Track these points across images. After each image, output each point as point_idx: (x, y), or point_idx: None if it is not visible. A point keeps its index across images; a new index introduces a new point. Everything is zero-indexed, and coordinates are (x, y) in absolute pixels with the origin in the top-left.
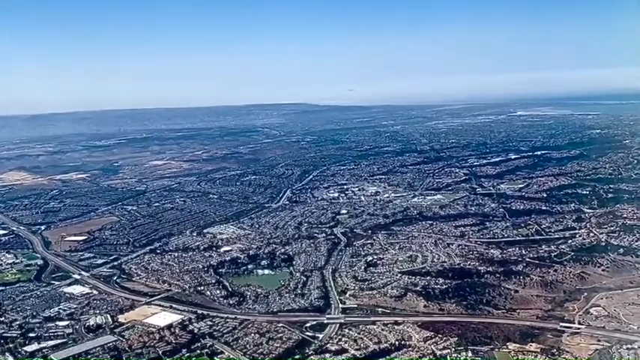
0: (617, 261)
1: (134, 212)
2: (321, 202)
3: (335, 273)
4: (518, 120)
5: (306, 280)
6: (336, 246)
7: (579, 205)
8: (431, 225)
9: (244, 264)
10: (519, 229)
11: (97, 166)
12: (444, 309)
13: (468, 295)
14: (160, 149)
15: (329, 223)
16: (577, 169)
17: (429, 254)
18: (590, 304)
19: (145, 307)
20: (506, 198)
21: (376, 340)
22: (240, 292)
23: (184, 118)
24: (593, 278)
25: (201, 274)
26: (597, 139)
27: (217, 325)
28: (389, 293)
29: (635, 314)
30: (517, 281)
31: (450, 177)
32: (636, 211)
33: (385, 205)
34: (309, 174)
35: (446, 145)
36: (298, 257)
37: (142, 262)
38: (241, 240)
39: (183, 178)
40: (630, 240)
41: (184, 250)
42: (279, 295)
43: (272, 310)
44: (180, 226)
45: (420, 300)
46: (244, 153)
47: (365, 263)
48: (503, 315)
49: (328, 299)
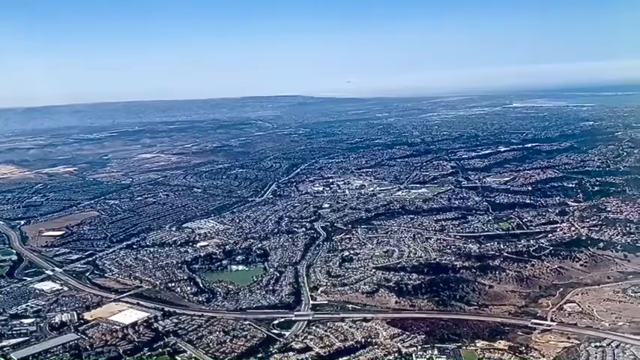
0: (596, 256)
1: (115, 207)
2: (305, 195)
3: (309, 268)
4: (513, 112)
5: (279, 275)
6: (314, 241)
7: (564, 199)
8: (412, 219)
9: (219, 259)
10: (500, 222)
11: (86, 160)
12: (415, 305)
13: (441, 290)
14: (151, 142)
15: (310, 217)
16: (565, 162)
17: (405, 249)
18: (565, 300)
19: (113, 304)
20: (491, 191)
21: (342, 338)
22: (211, 289)
23: (179, 110)
24: (570, 273)
25: (174, 270)
26: (589, 131)
27: (183, 322)
28: (361, 289)
29: (609, 310)
30: (492, 276)
31: (438, 170)
32: (620, 204)
33: (369, 199)
34: (297, 167)
35: (437, 138)
36: (274, 252)
37: (117, 257)
38: (219, 235)
39: (170, 172)
40: (611, 234)
41: (161, 245)
42: (250, 291)
43: (241, 307)
44: (161, 220)
45: (391, 296)
46: (234, 146)
47: (340, 258)
48: (475, 311)
49: (299, 295)
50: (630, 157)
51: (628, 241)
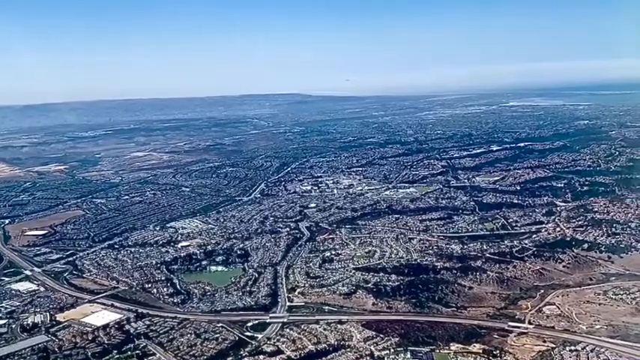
0: (580, 257)
1: (101, 206)
2: (293, 195)
3: (289, 269)
4: (509, 110)
5: (257, 276)
6: (297, 241)
7: (552, 199)
8: (397, 219)
9: (199, 260)
10: (485, 223)
11: (78, 158)
12: (392, 307)
13: (420, 292)
14: (145, 140)
15: (296, 217)
16: (556, 161)
17: (387, 249)
18: (545, 302)
19: (87, 305)
20: (479, 191)
21: (315, 341)
22: (188, 290)
23: (176, 108)
24: (552, 275)
25: (153, 270)
26: (583, 131)
27: (155, 324)
28: (339, 291)
29: (588, 313)
30: (473, 278)
31: (428, 169)
32: (608, 204)
33: (356, 199)
34: (288, 166)
35: (430, 137)
36: (255, 253)
37: (97, 257)
38: (202, 235)
39: (161, 170)
40: (596, 235)
41: (142, 245)
42: (227, 292)
43: (215, 309)
44: (145, 220)
45: (369, 297)
46: (227, 144)
47: (321, 259)
48: (453, 313)
49: (276, 297)
50: (622, 156)
51: (612, 242)
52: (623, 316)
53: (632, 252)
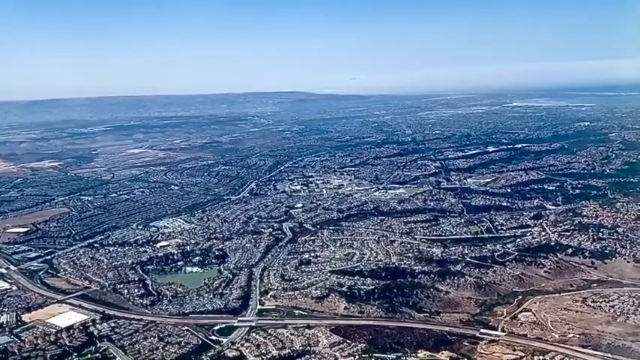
0: (562, 262)
1: (88, 203)
2: (281, 194)
3: (265, 271)
4: (511, 111)
5: (232, 278)
6: (277, 242)
7: (543, 202)
8: (382, 220)
9: (175, 261)
10: (470, 226)
11: (74, 154)
12: (364, 311)
13: (395, 296)
14: (144, 137)
15: (280, 217)
16: (551, 164)
17: (367, 252)
18: (522, 308)
19: (56, 305)
20: (469, 193)
21: (280, 346)
22: (159, 292)
23: (179, 105)
24: (532, 280)
25: (127, 270)
26: (583, 132)
27: (121, 326)
28: (311, 294)
29: (563, 321)
30: (451, 282)
31: (421, 170)
32: (598, 208)
33: (344, 199)
34: (282, 165)
35: (428, 137)
36: (234, 254)
37: (75, 256)
38: (183, 234)
39: (153, 168)
40: (581, 240)
41: (122, 244)
42: (198, 294)
43: (184, 312)
44: (130, 218)
45: (341, 301)
46: (224, 142)
47: (298, 261)
48: (425, 319)
49: (248, 300)
50: (618, 159)
51: (597, 248)
52: (598, 325)
53: (617, 258)
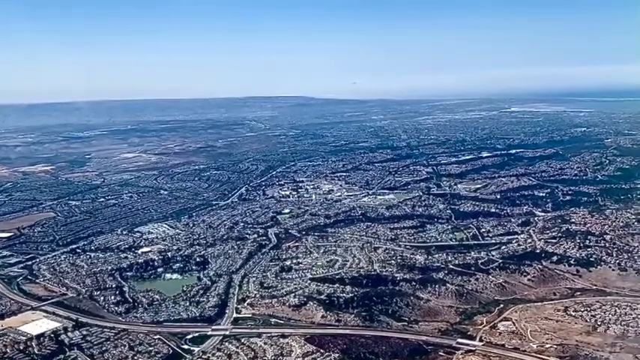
0: (546, 270)
1: (74, 208)
2: (270, 200)
3: (245, 278)
4: (509, 116)
5: (210, 285)
6: (261, 248)
7: (532, 208)
8: (368, 227)
9: (155, 267)
10: (456, 232)
11: (68, 158)
12: (341, 320)
13: (374, 304)
14: (139, 141)
15: (267, 223)
16: (543, 170)
17: (350, 259)
18: (502, 317)
19: (30, 312)
20: (459, 199)
21: (252, 355)
22: (135, 299)
23: (178, 109)
24: (514, 288)
25: (106, 277)
26: (578, 138)
27: (92, 335)
28: (289, 302)
29: (543, 330)
30: (432, 290)
31: (412, 175)
32: (587, 215)
33: (332, 205)
34: (274, 170)
35: (423, 142)
36: (215, 260)
37: (55, 262)
38: (166, 240)
39: (145, 172)
40: (567, 247)
41: (104, 250)
42: (175, 302)
43: (158, 320)
44: (115, 223)
45: (319, 310)
46: (218, 147)
47: (280, 268)
48: (403, 328)
49: (224, 308)
50: (611, 165)
51: (583, 256)
52: (578, 335)
53: (602, 266)
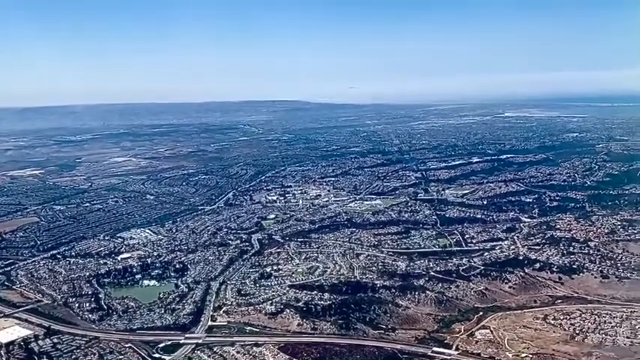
0: (528, 277)
1: (59, 213)
2: (256, 205)
3: (223, 285)
4: (502, 121)
5: (187, 292)
6: (242, 254)
7: (518, 214)
8: (352, 233)
9: (133, 274)
10: (440, 238)
11: (58, 162)
12: (317, 328)
13: (352, 312)
14: (131, 145)
15: (251, 228)
16: (532, 175)
17: (331, 265)
18: (480, 325)
19: (2, 319)
20: (446, 204)
21: None
22: (110, 306)
23: (173, 113)
24: (495, 296)
25: (82, 283)
26: (570, 143)
27: (63, 343)
28: (265, 310)
29: (521, 339)
30: (412, 297)
31: (401, 180)
32: (572, 221)
33: (318, 210)
34: (263, 174)
35: (415, 147)
36: (194, 267)
37: (34, 268)
38: (147, 246)
39: (133, 177)
40: (550, 254)
41: (84, 256)
42: (150, 309)
43: (131, 328)
44: (98, 228)
45: (295, 318)
46: (210, 151)
47: (259, 275)
48: (379, 336)
49: (200, 315)
50: (600, 171)
51: (566, 263)
52: (555, 344)
53: (584, 273)
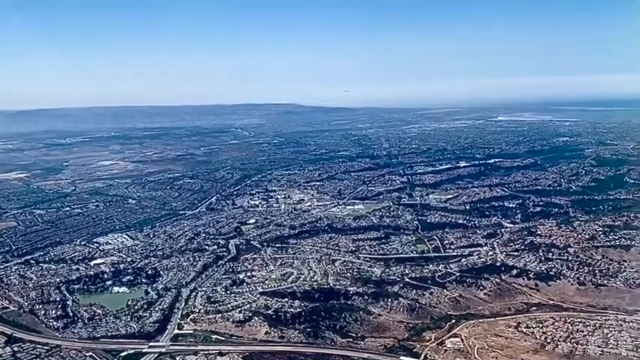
0: (504, 284)
1: (38, 217)
2: (238, 210)
3: (193, 292)
4: (494, 125)
5: (156, 299)
6: (217, 260)
7: (501, 219)
8: (331, 238)
9: (104, 280)
10: (419, 244)
11: (45, 166)
12: (284, 336)
13: (322, 320)
14: (121, 148)
15: (230, 233)
16: (518, 180)
17: (305, 272)
18: (451, 333)
19: None
20: (428, 209)
21: None
22: (77, 313)
23: (166, 116)
24: (469, 303)
25: (51, 290)
26: (559, 148)
27: (24, 351)
28: (233, 317)
29: (491, 348)
30: (384, 304)
31: (386, 185)
32: (553, 227)
33: (299, 215)
34: (249, 178)
35: (404, 151)
36: (167, 273)
37: (5, 274)
38: (122, 252)
39: (118, 180)
40: (528, 260)
41: (57, 261)
42: (116, 317)
43: (95, 336)
44: (76, 233)
45: (263, 326)
46: (198, 155)
47: (232, 281)
48: (348, 344)
49: (167, 323)
50: (587, 176)
51: (543, 269)
52: (524, 353)
53: (561, 280)
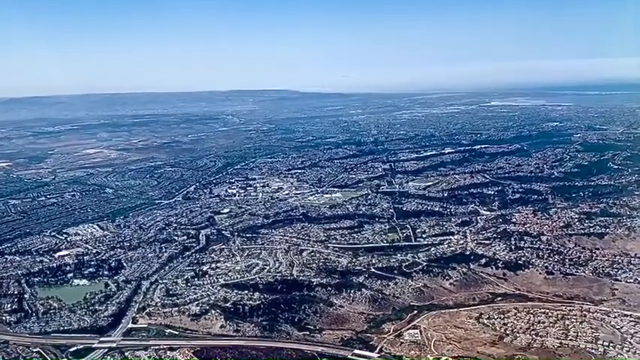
0: (470, 274)
1: (11, 207)
2: (214, 199)
3: (154, 284)
4: (486, 111)
5: (115, 292)
6: (184, 251)
7: (478, 207)
8: (304, 227)
9: (66, 272)
10: (391, 233)
11: (30, 154)
12: (240, 330)
13: (280, 312)
14: (108, 136)
15: (202, 223)
16: (500, 166)
17: (271, 262)
18: (410, 325)
19: None
20: (407, 197)
21: None
22: (32, 307)
23: (159, 103)
24: (433, 293)
25: (10, 283)
26: (548, 133)
27: None
28: (190, 311)
29: (449, 340)
30: (347, 296)
31: (367, 172)
32: (529, 215)
33: (275, 204)
34: (232, 166)
35: (391, 137)
36: (130, 265)
37: None
38: (89, 243)
39: (99, 169)
40: (498, 249)
41: (23, 253)
42: (71, 311)
43: (46, 330)
44: (47, 224)
45: (219, 319)
46: (184, 142)
47: (194, 273)
48: (303, 337)
49: (121, 317)
50: (571, 161)
51: (512, 258)
52: (482, 345)
53: (530, 269)
